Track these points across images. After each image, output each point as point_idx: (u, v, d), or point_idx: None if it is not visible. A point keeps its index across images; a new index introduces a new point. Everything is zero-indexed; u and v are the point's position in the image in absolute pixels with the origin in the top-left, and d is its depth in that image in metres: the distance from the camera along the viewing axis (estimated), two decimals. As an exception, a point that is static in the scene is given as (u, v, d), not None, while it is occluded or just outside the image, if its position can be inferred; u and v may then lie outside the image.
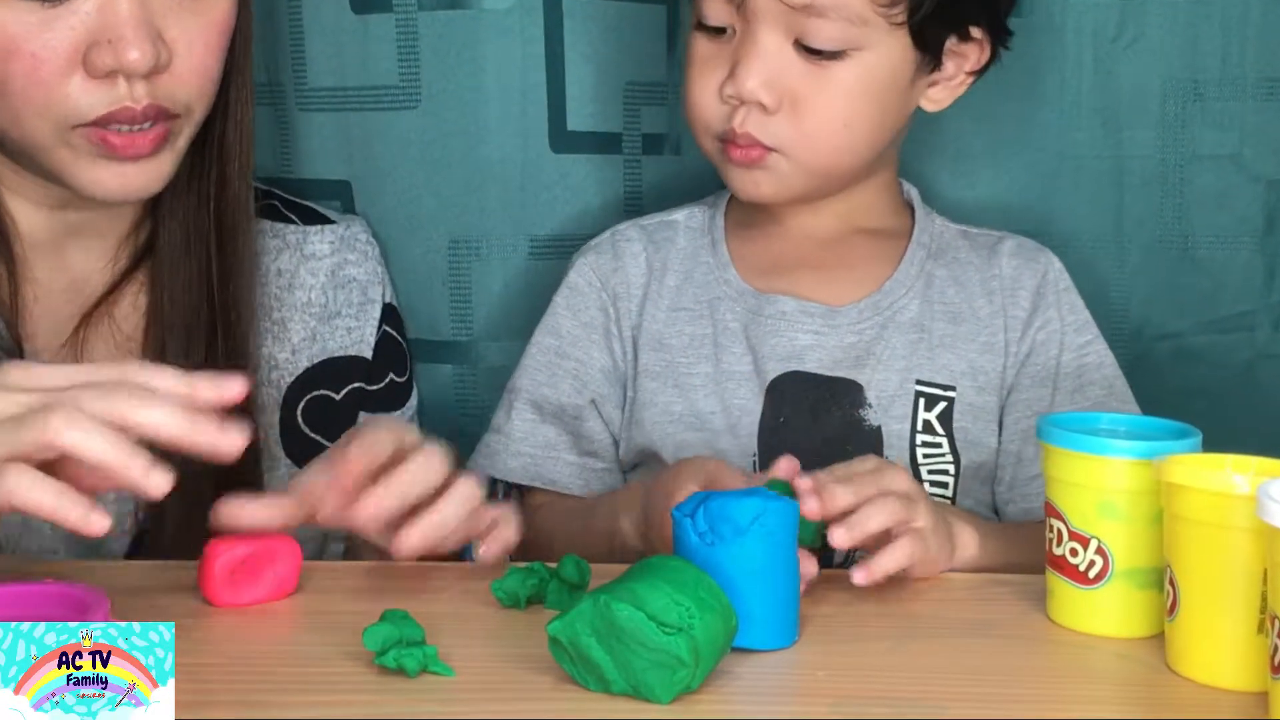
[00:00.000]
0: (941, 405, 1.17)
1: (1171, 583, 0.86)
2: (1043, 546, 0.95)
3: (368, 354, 1.28)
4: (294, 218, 1.28)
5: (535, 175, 1.34)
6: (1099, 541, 0.91)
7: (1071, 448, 0.92)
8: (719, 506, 0.87)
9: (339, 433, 1.03)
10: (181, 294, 1.14)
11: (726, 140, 1.15)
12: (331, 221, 1.29)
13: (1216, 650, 0.84)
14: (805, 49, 1.11)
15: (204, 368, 1.10)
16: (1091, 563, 0.92)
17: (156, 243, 1.15)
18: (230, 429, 0.82)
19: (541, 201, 1.35)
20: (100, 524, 0.79)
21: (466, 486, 0.97)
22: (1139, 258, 1.34)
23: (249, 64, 1.15)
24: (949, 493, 1.17)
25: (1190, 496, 0.84)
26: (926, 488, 1.14)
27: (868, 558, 0.96)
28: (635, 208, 1.35)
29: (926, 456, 1.16)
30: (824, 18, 1.09)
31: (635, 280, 1.23)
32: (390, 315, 1.31)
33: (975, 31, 1.16)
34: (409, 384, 1.33)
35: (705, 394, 1.18)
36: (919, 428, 1.17)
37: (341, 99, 1.35)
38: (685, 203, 1.28)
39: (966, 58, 1.17)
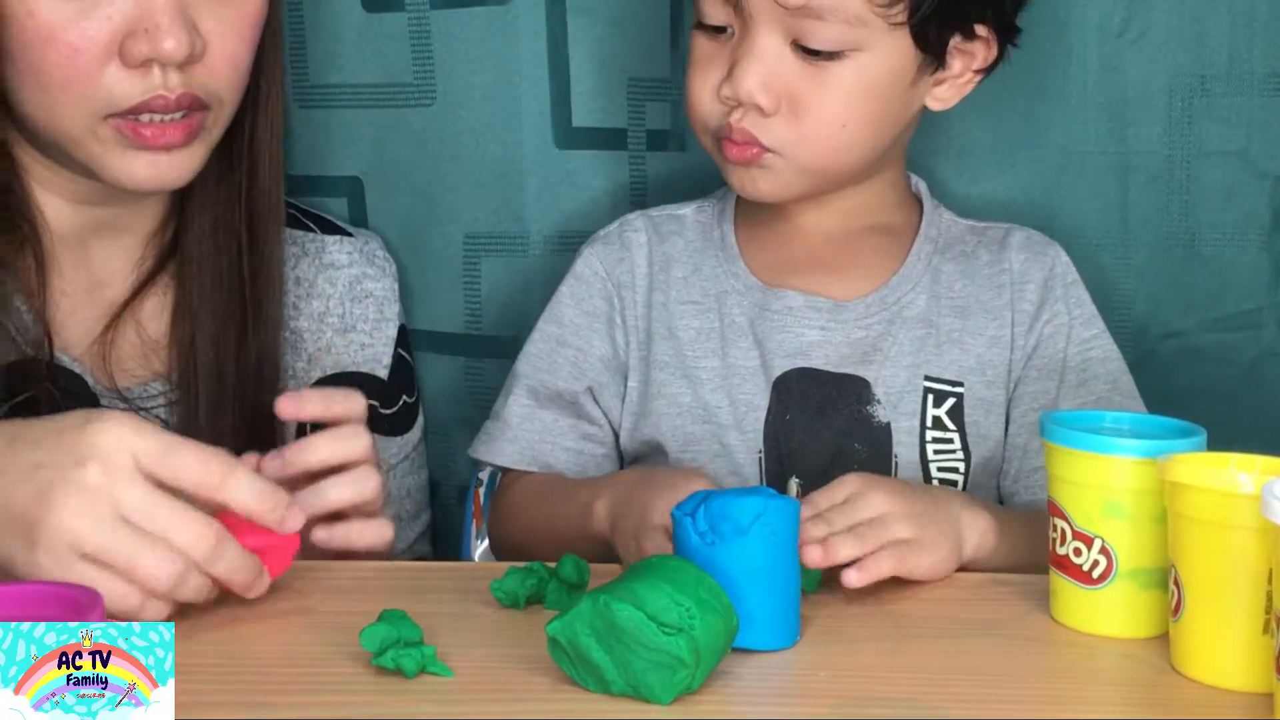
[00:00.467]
0: (950, 401, 1.17)
1: (1176, 583, 0.86)
2: (1037, 526, 0.95)
3: (381, 373, 1.28)
4: (312, 225, 1.28)
5: (541, 171, 1.35)
6: (1103, 541, 0.91)
7: (1075, 446, 0.91)
8: (720, 506, 0.87)
9: None
10: (211, 291, 1.15)
11: (723, 137, 1.14)
12: (349, 234, 1.30)
13: (1221, 651, 0.84)
14: (803, 49, 1.10)
15: (233, 366, 1.12)
16: (1095, 562, 0.91)
17: (183, 240, 1.16)
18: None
19: (547, 198, 1.35)
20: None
21: (363, 475, 0.99)
22: (1144, 255, 1.34)
23: (280, 60, 1.15)
24: (959, 489, 1.16)
25: (1194, 496, 0.84)
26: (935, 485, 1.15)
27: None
28: (640, 203, 1.35)
29: (937, 453, 1.16)
30: (821, 19, 1.08)
31: (641, 270, 1.23)
32: (403, 337, 1.32)
33: (981, 30, 1.14)
34: (416, 404, 1.34)
35: (713, 388, 1.18)
36: (928, 424, 1.16)
37: (353, 96, 1.35)
38: (691, 199, 1.28)
39: (974, 56, 1.16)
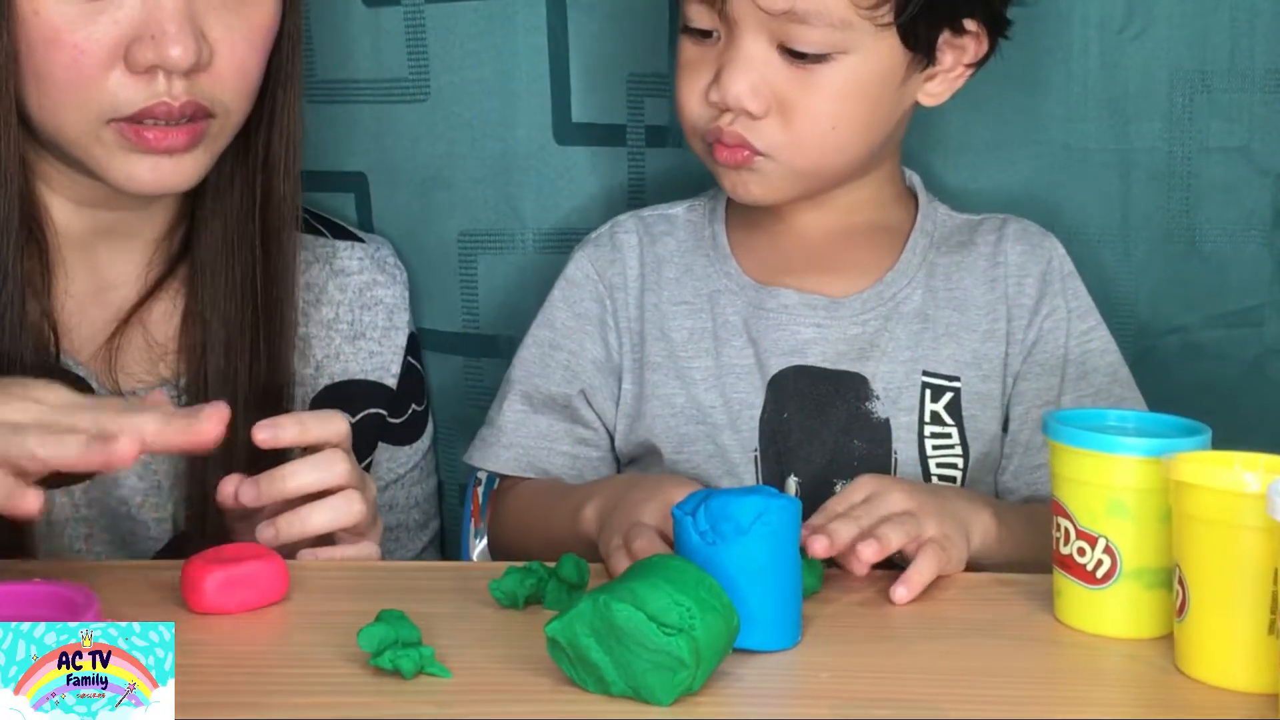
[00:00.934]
0: (948, 396, 1.16)
1: (1180, 582, 0.85)
2: (1043, 519, 0.94)
3: (389, 382, 1.28)
4: (323, 230, 1.27)
5: (539, 168, 1.34)
6: (1106, 540, 0.91)
7: (1079, 445, 0.91)
8: (720, 505, 0.87)
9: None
10: (223, 300, 1.14)
11: (714, 141, 1.13)
12: (360, 240, 1.29)
13: (1227, 651, 0.84)
14: (790, 53, 1.09)
15: (245, 375, 1.12)
16: (1099, 562, 0.91)
17: (194, 247, 1.15)
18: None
19: (546, 194, 1.35)
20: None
21: (345, 500, 0.99)
22: (1145, 251, 1.33)
23: (298, 69, 1.14)
24: (958, 485, 1.16)
25: (1199, 495, 0.83)
26: (934, 482, 1.15)
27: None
28: (639, 199, 1.34)
29: (936, 449, 1.16)
30: (806, 23, 1.07)
31: (633, 272, 1.22)
32: (413, 345, 1.31)
33: (970, 24, 1.14)
34: (426, 411, 1.34)
35: (706, 388, 1.18)
36: (927, 419, 1.16)
37: (353, 91, 1.35)
38: (690, 195, 1.27)
39: (964, 50, 1.15)
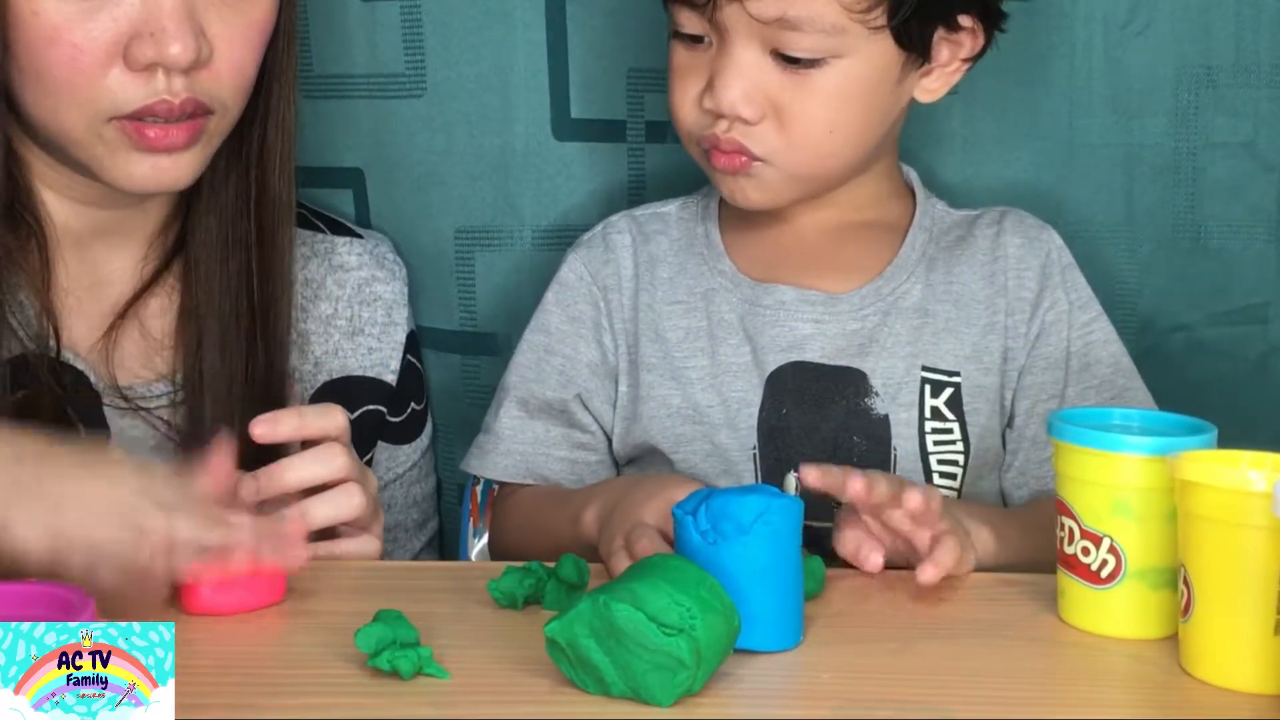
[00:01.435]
0: (949, 391, 1.16)
1: (1186, 582, 0.85)
2: (1048, 514, 0.93)
3: (389, 379, 1.28)
4: (322, 226, 1.27)
5: (538, 164, 1.34)
6: (1111, 540, 0.90)
7: (1083, 444, 0.90)
8: (721, 504, 0.86)
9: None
10: (218, 295, 1.13)
11: (710, 147, 1.13)
12: (359, 235, 1.29)
13: (1232, 652, 0.83)
14: (783, 58, 1.09)
15: (241, 372, 1.12)
16: (1104, 562, 0.90)
17: (189, 244, 1.15)
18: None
19: (544, 190, 1.34)
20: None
21: (345, 494, 1.00)
22: (1150, 248, 1.33)
23: (293, 65, 1.14)
24: (957, 484, 1.16)
25: (1205, 494, 0.83)
26: (935, 479, 1.15)
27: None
28: (639, 195, 1.34)
29: (937, 444, 1.15)
30: (798, 30, 1.07)
31: (626, 273, 1.22)
32: (412, 343, 1.31)
33: (965, 20, 1.13)
34: (425, 410, 1.33)
35: (703, 387, 1.17)
36: (927, 415, 1.16)
37: (350, 86, 1.34)
38: (690, 191, 1.27)
39: (961, 45, 1.15)
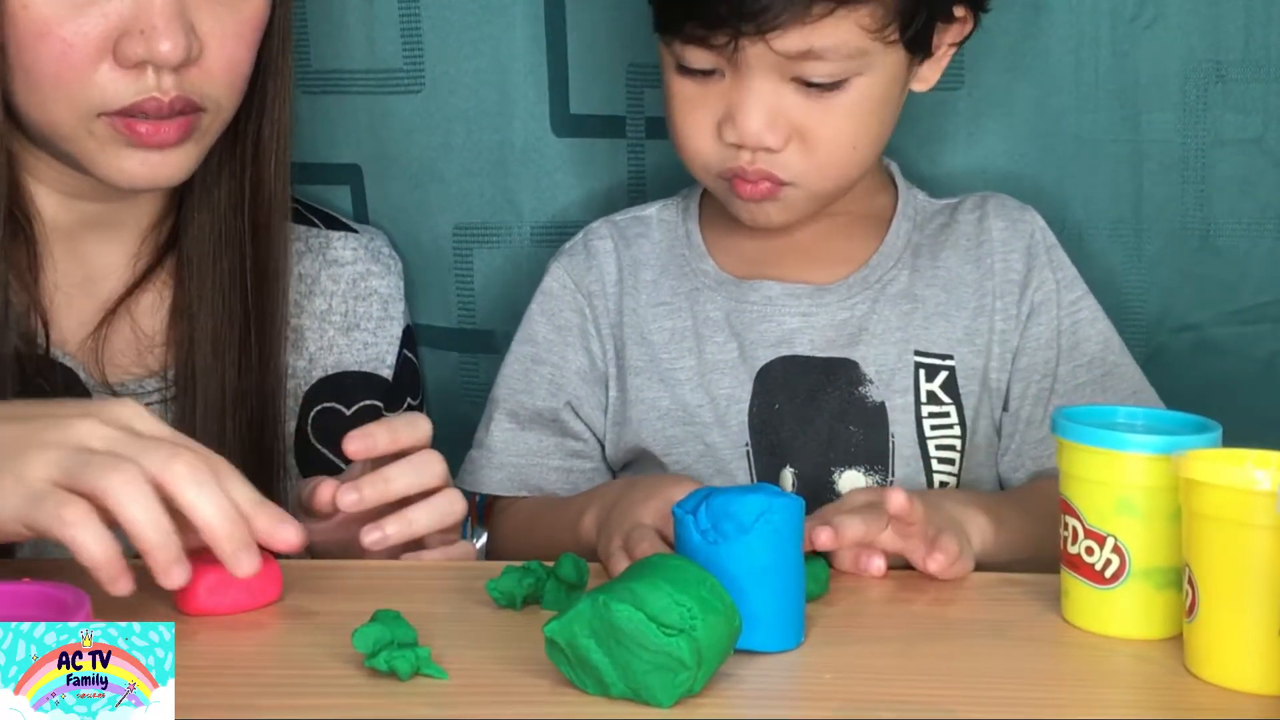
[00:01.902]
0: (943, 375, 1.16)
1: (1190, 582, 0.84)
2: (1056, 508, 0.93)
3: (385, 374, 1.27)
4: (316, 221, 1.27)
5: (537, 160, 1.34)
6: (1115, 540, 0.90)
7: (1087, 442, 0.90)
8: (722, 503, 0.86)
9: None
10: (211, 293, 1.13)
11: (734, 177, 1.13)
12: (354, 230, 1.29)
13: (1237, 652, 0.82)
14: (804, 83, 1.09)
15: (234, 370, 1.11)
16: (1108, 561, 0.90)
17: (181, 241, 1.15)
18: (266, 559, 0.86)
19: (543, 187, 1.34)
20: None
21: (448, 500, 0.99)
22: (1158, 246, 1.32)
23: (288, 61, 1.14)
24: (955, 469, 1.16)
25: (1210, 493, 0.82)
26: (934, 464, 1.15)
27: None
28: (639, 192, 1.34)
29: (934, 429, 1.16)
30: (822, 59, 1.07)
31: (610, 278, 1.22)
32: (408, 338, 1.30)
33: (959, 10, 1.15)
34: (421, 406, 1.33)
35: (691, 388, 1.17)
36: (923, 399, 1.15)
37: (348, 82, 1.34)
38: (682, 189, 1.26)
39: (951, 32, 1.16)
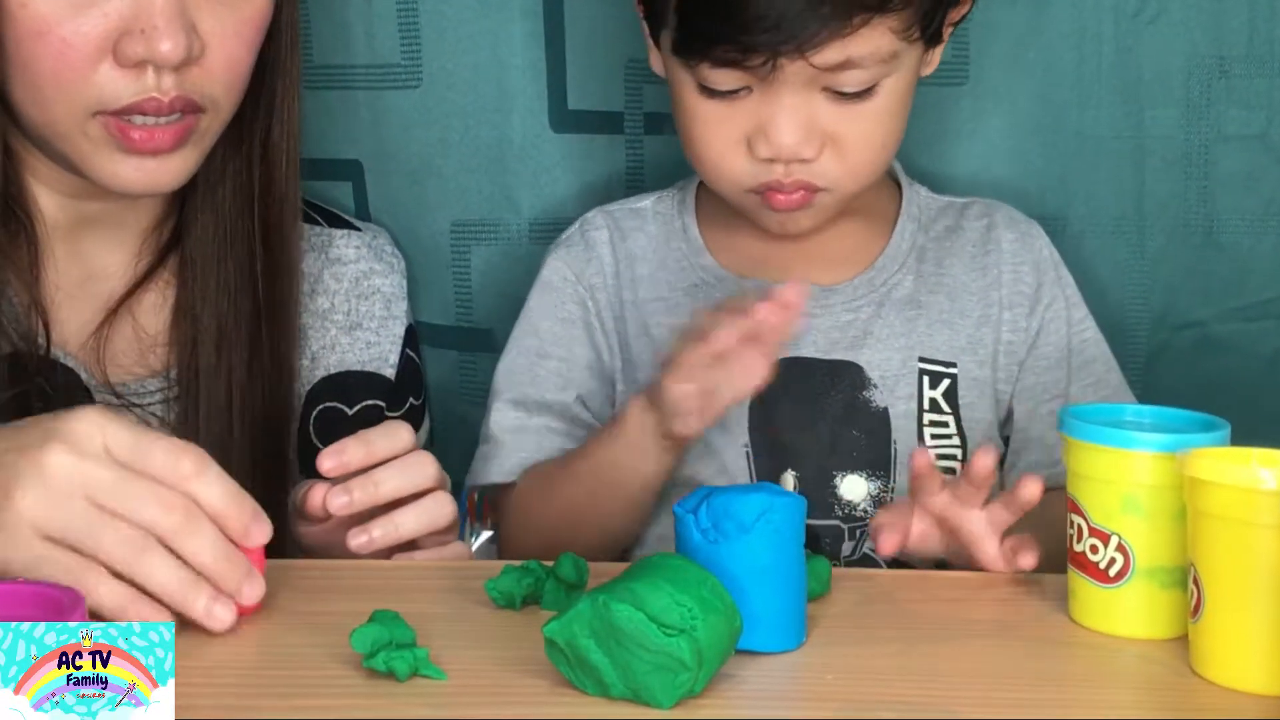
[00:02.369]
0: (945, 383, 1.16)
1: (1195, 582, 0.84)
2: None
3: (387, 373, 1.27)
4: (319, 219, 1.26)
5: (535, 156, 1.33)
6: (1119, 538, 0.89)
7: (1093, 440, 0.89)
8: (723, 503, 0.85)
9: None
10: (215, 292, 1.12)
11: (767, 190, 1.12)
12: (357, 228, 1.28)
13: (1242, 653, 0.82)
14: (834, 92, 1.09)
15: (243, 370, 1.11)
16: (1112, 560, 0.89)
17: (184, 242, 1.14)
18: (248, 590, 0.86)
19: (541, 183, 1.34)
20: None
21: (437, 502, 0.98)
22: (1161, 242, 1.32)
23: (296, 61, 1.13)
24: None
25: (1215, 492, 0.82)
26: None
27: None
28: (637, 186, 1.34)
29: (935, 438, 1.15)
30: (858, 67, 1.07)
31: (609, 270, 1.22)
32: (411, 337, 1.30)
33: None
34: (424, 405, 1.33)
35: None
36: (925, 407, 1.15)
37: (349, 77, 1.34)
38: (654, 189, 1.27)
39: (955, 12, 1.16)
